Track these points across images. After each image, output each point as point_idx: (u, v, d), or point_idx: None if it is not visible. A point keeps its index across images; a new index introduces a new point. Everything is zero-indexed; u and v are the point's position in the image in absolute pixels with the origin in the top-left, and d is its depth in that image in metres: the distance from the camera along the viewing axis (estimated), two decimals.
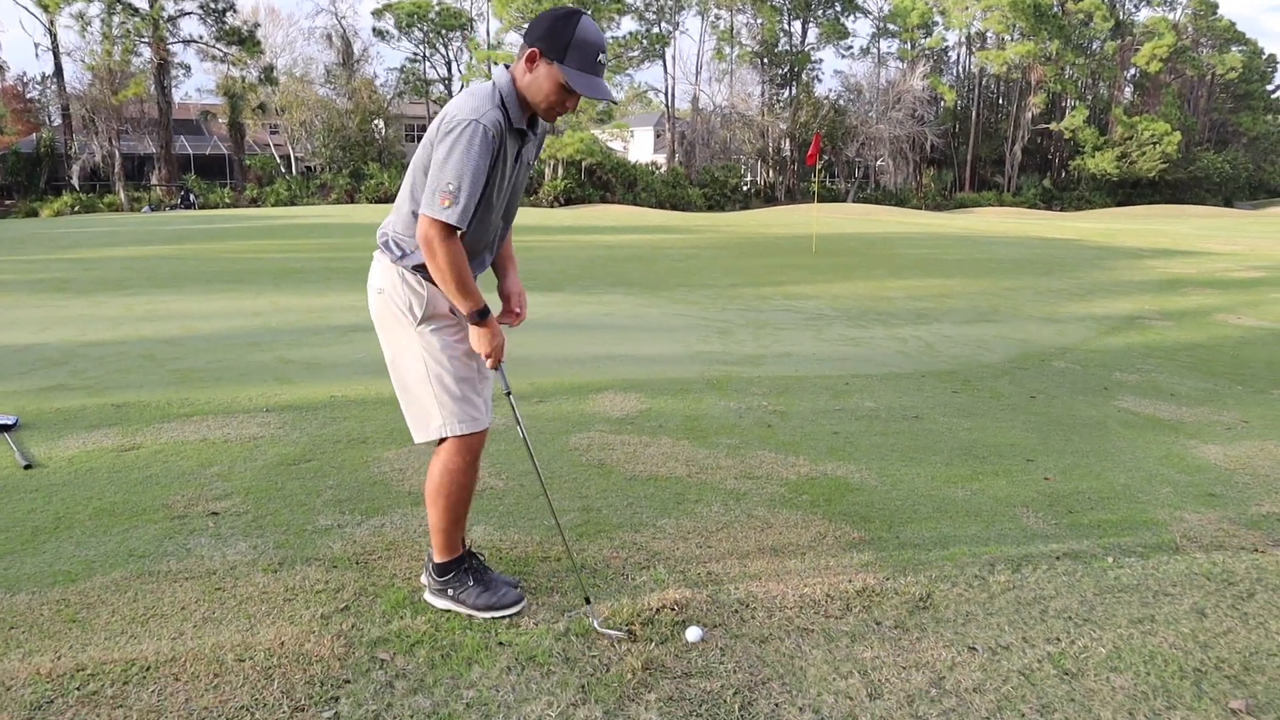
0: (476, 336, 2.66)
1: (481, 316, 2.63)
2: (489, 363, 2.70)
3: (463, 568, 2.88)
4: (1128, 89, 66.61)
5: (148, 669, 2.50)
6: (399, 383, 2.77)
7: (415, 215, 2.60)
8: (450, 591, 2.86)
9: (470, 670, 2.55)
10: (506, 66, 2.62)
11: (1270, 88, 73.38)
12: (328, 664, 2.55)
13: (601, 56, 2.55)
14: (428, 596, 2.92)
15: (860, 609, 2.97)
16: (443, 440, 2.75)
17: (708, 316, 9.58)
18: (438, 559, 2.87)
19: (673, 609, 2.90)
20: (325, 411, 5.21)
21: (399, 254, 2.67)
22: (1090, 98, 64.83)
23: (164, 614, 2.81)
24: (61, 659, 2.53)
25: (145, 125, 46.58)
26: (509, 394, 2.84)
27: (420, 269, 2.65)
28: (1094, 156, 60.90)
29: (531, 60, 2.53)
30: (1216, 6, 66.35)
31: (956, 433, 5.23)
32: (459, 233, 2.53)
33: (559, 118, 2.57)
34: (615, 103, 2.77)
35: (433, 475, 2.78)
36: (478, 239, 2.69)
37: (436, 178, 2.48)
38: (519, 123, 2.59)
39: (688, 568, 3.23)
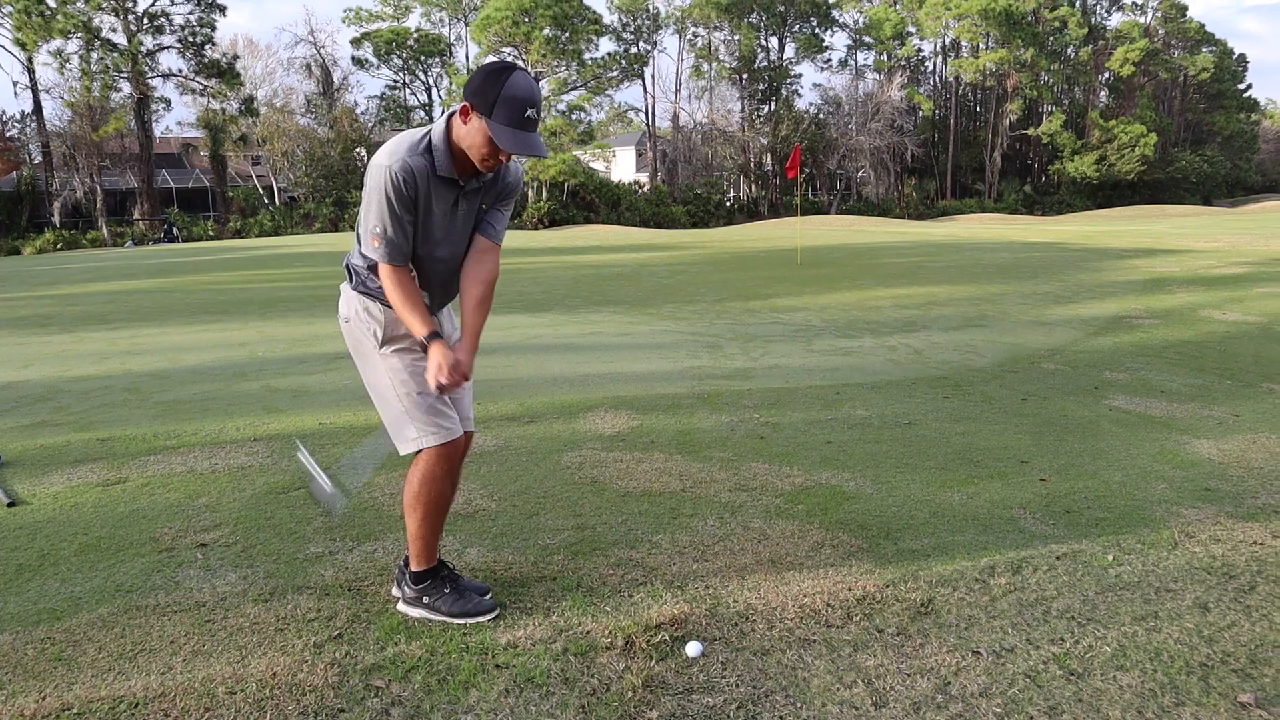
0: (430, 357, 2.72)
1: (430, 339, 2.70)
2: (433, 384, 2.69)
3: (439, 575, 2.93)
4: (1103, 93, 67.43)
5: (136, 705, 2.44)
6: (376, 403, 2.88)
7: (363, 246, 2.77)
8: (426, 599, 2.90)
9: (468, 694, 2.50)
10: (454, 113, 2.68)
11: (1242, 87, 74.36)
12: (321, 693, 2.50)
13: (531, 111, 2.56)
14: (401, 607, 2.95)
15: (861, 617, 2.93)
16: (418, 451, 2.84)
17: (696, 332, 9.56)
18: (414, 567, 2.91)
19: (672, 624, 2.85)
20: (314, 439, 5.16)
21: (355, 280, 2.84)
22: (1067, 102, 65.58)
23: (153, 649, 2.75)
24: (47, 699, 2.47)
25: (126, 160, 46.53)
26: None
27: (373, 294, 2.81)
28: (1073, 160, 61.51)
29: (465, 114, 2.61)
30: (1186, 9, 67.27)
31: (950, 438, 5.22)
32: (408, 268, 2.72)
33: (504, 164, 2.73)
34: (543, 157, 2.90)
35: (411, 483, 2.84)
36: (421, 279, 2.83)
37: (363, 221, 2.68)
38: (445, 171, 2.67)
39: (685, 582, 3.19)
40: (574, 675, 2.59)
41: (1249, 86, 74.88)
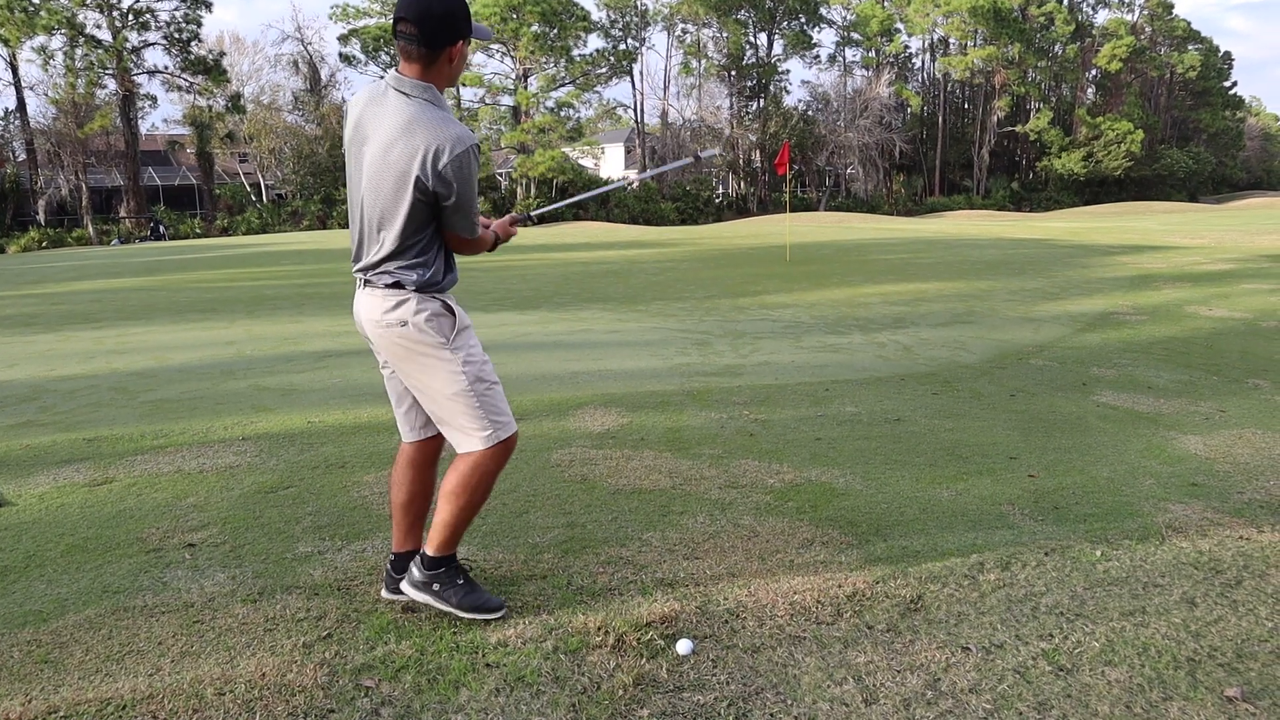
0: (505, 237, 3.02)
1: (496, 238, 2.98)
2: (513, 232, 3.06)
3: (453, 566, 2.88)
4: (1090, 90, 67.73)
5: (124, 708, 2.42)
6: (434, 405, 2.78)
7: (416, 242, 2.66)
8: (436, 587, 2.85)
9: (458, 694, 2.50)
10: (399, 73, 2.65)
11: (1228, 84, 74.83)
12: (311, 694, 2.49)
13: None
14: (404, 586, 2.91)
15: (851, 614, 2.94)
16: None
17: (685, 329, 9.57)
18: (431, 552, 2.86)
19: (662, 622, 2.85)
20: (302, 438, 5.13)
21: (416, 279, 2.68)
22: (1054, 99, 65.86)
23: (140, 650, 2.73)
24: (33, 702, 2.45)
25: (112, 157, 46.25)
26: (530, 215, 3.33)
27: (437, 285, 2.72)
28: (1060, 157, 61.79)
29: (459, 51, 2.63)
30: (1172, 6, 67.60)
31: (939, 434, 5.23)
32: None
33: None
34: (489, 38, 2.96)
35: (460, 472, 2.78)
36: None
37: (471, 206, 2.65)
38: None
39: (675, 580, 3.19)
40: (564, 674, 2.59)
41: (1234, 84, 75.47)
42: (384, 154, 2.59)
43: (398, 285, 2.68)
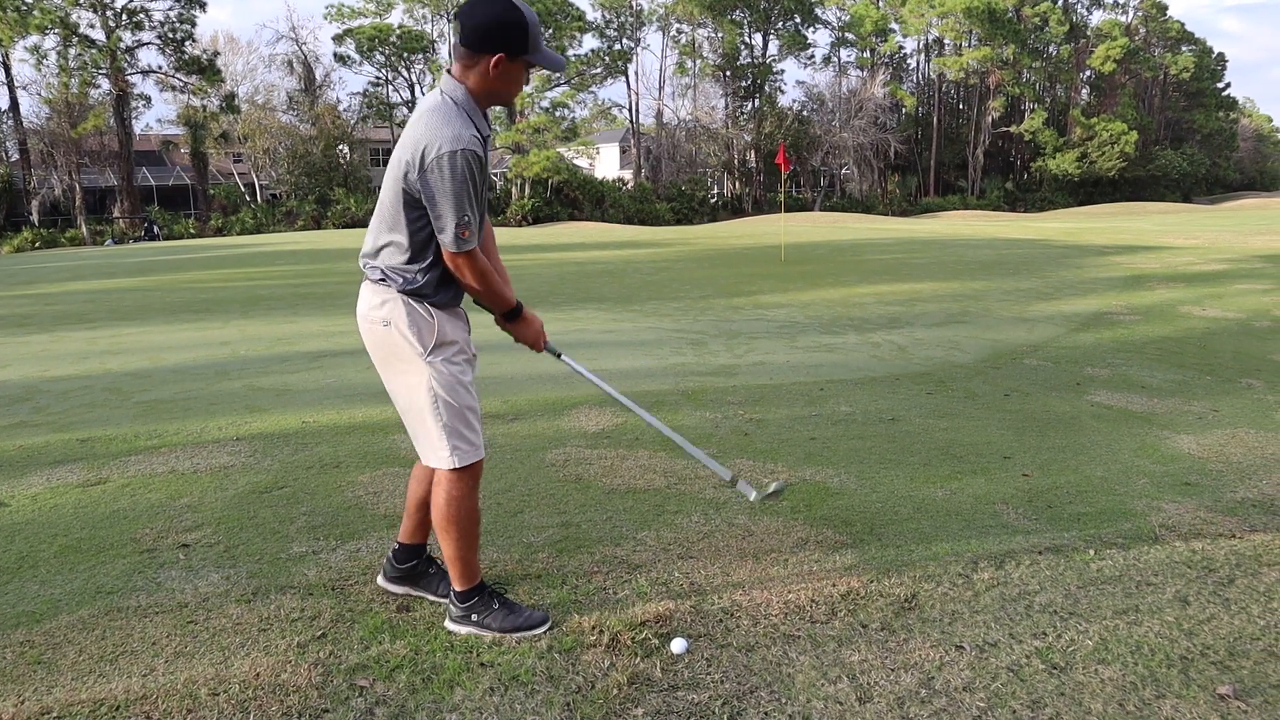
0: (519, 329, 2.83)
1: (518, 311, 2.79)
2: (538, 345, 2.91)
3: (485, 592, 2.85)
4: (1084, 90, 67.92)
5: (117, 708, 2.42)
6: (407, 413, 2.74)
7: (407, 243, 2.59)
8: (474, 617, 2.81)
9: (453, 693, 2.49)
10: (448, 72, 2.64)
11: (1221, 85, 75.09)
12: (305, 694, 2.48)
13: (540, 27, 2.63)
14: (448, 624, 2.86)
15: (846, 613, 2.94)
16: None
17: (680, 329, 9.57)
18: (458, 587, 2.83)
19: (657, 621, 2.86)
20: (297, 438, 5.13)
21: (402, 282, 2.62)
22: (1048, 100, 66.05)
23: (134, 651, 2.72)
24: (26, 703, 2.45)
25: (106, 157, 46.15)
26: (560, 355, 3.09)
27: (426, 296, 2.63)
28: (1055, 158, 61.95)
29: (498, 65, 2.54)
30: (1166, 8, 67.82)
31: (933, 433, 5.24)
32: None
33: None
34: (563, 67, 2.88)
35: (438, 505, 2.74)
36: None
37: (453, 214, 2.48)
38: (485, 130, 2.62)
39: (670, 579, 3.20)
40: (559, 673, 2.59)
41: (1228, 85, 75.80)
42: (399, 144, 2.59)
43: (384, 282, 2.65)
